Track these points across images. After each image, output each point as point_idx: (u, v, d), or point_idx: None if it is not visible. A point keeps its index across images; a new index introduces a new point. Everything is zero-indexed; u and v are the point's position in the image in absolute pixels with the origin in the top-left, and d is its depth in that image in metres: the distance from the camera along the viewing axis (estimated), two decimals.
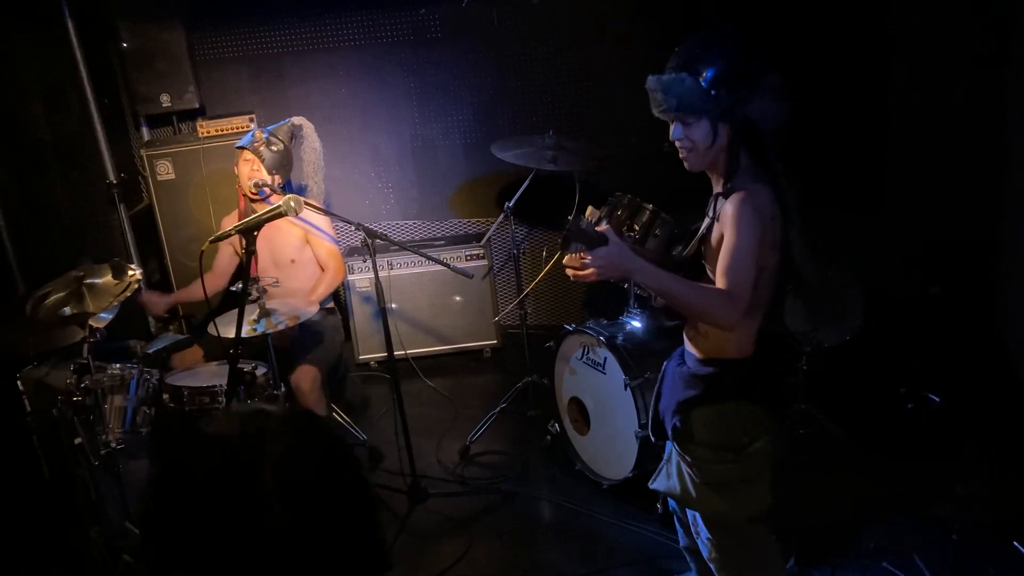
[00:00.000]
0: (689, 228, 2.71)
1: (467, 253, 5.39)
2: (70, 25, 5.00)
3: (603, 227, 2.54)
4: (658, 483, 2.81)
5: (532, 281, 4.67)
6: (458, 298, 5.44)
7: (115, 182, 5.30)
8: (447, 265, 4.15)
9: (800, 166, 5.01)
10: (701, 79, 2.39)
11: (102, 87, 5.24)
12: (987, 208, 4.93)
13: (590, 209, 2.61)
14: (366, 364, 5.52)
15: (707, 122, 2.43)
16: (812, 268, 2.55)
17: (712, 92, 2.39)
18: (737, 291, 2.37)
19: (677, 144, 2.51)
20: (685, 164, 2.55)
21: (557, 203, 5.31)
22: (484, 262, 5.40)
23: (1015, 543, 3.31)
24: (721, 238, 2.45)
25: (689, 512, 2.79)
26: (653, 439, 2.87)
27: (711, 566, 2.82)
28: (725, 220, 2.43)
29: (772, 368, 2.70)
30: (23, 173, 5.28)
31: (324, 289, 4.36)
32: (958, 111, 4.86)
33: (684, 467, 2.65)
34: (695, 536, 2.82)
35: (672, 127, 2.50)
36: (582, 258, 2.50)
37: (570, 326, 4.12)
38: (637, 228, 3.91)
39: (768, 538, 2.75)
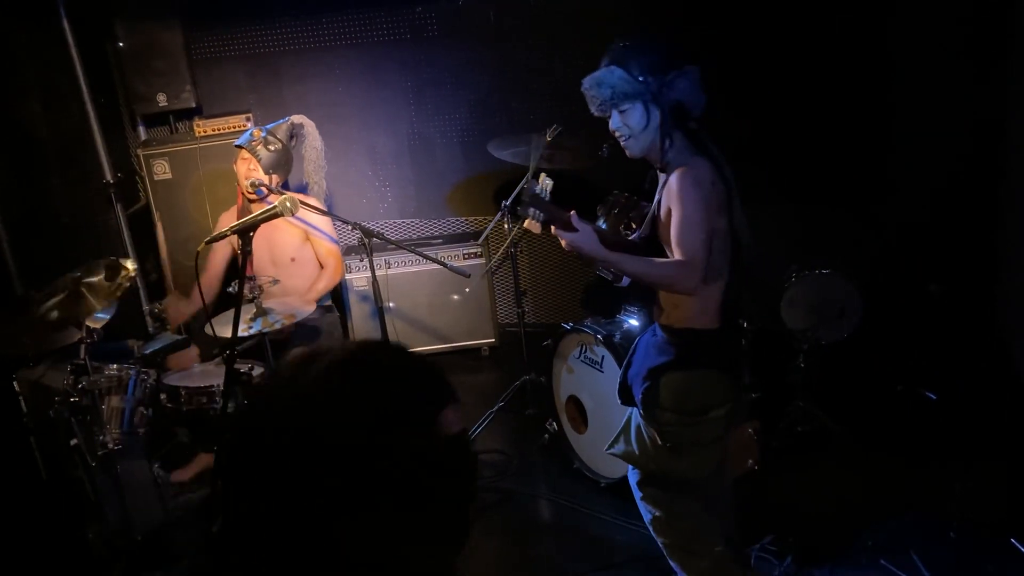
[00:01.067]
0: (642, 212, 2.92)
1: (464, 252, 5.39)
2: (66, 24, 4.99)
3: (573, 215, 2.74)
4: (616, 448, 3.04)
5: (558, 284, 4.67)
6: (456, 297, 5.44)
7: (112, 181, 5.29)
8: (444, 264, 4.15)
9: (801, 163, 5.03)
10: (629, 68, 2.67)
11: (99, 86, 5.23)
12: (987, 205, 4.92)
13: (542, 176, 2.84)
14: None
15: (640, 106, 2.68)
16: (749, 235, 2.77)
17: (640, 78, 2.65)
18: (691, 257, 2.59)
19: (616, 134, 2.75)
20: (627, 152, 2.78)
21: (554, 201, 5.32)
22: (481, 261, 5.39)
23: (1013, 540, 3.31)
24: (669, 213, 2.66)
25: (631, 476, 3.04)
26: (621, 401, 3.04)
27: (650, 529, 3.02)
28: (670, 195, 2.64)
29: (736, 338, 2.98)
30: (20, 172, 5.26)
31: (322, 286, 4.35)
32: (959, 108, 4.85)
33: (645, 430, 2.87)
34: (638, 498, 3.02)
35: (610, 120, 2.75)
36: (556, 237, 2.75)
37: (568, 325, 4.11)
38: (634, 226, 3.93)
39: (697, 498, 2.91)
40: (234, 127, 5.19)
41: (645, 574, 3.54)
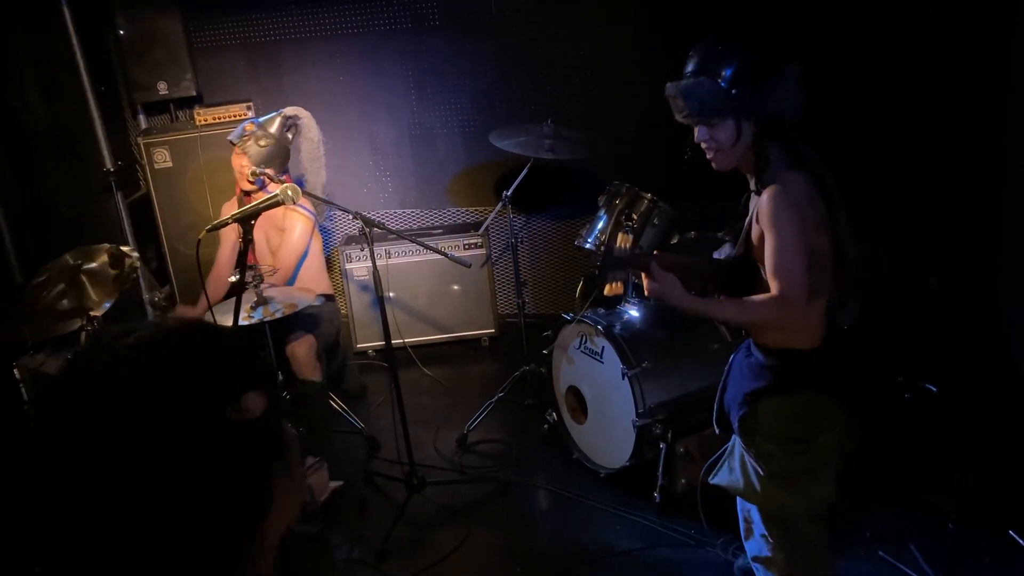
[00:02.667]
0: (734, 228, 2.65)
1: (465, 242, 5.39)
2: (66, 13, 4.98)
3: (653, 266, 2.48)
4: (719, 478, 2.76)
5: (558, 275, 4.65)
6: (456, 287, 5.44)
7: (112, 170, 5.28)
8: (445, 254, 4.14)
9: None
10: (720, 80, 2.37)
11: (99, 75, 5.22)
12: (986, 199, 4.92)
13: (621, 236, 2.53)
14: (364, 352, 5.52)
15: (731, 121, 2.41)
16: (855, 252, 2.52)
17: (733, 91, 2.37)
18: (789, 291, 2.35)
19: (703, 146, 2.49)
20: (713, 165, 2.52)
21: (555, 192, 5.33)
22: (482, 251, 5.39)
23: (1011, 532, 3.32)
24: (761, 236, 2.42)
25: (744, 508, 2.76)
26: (717, 431, 2.80)
27: (756, 566, 2.77)
28: (763, 218, 2.40)
29: (842, 357, 2.68)
30: (20, 161, 5.26)
31: (284, 255, 4.31)
32: (958, 103, 4.85)
33: (748, 460, 2.60)
34: (745, 535, 2.78)
35: (696, 130, 2.47)
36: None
37: (568, 315, 4.12)
38: (635, 217, 3.93)
39: (824, 538, 2.72)
40: (235, 115, 5.18)
41: (644, 565, 3.55)
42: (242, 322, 3.32)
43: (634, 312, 4.02)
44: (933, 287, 4.87)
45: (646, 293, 2.48)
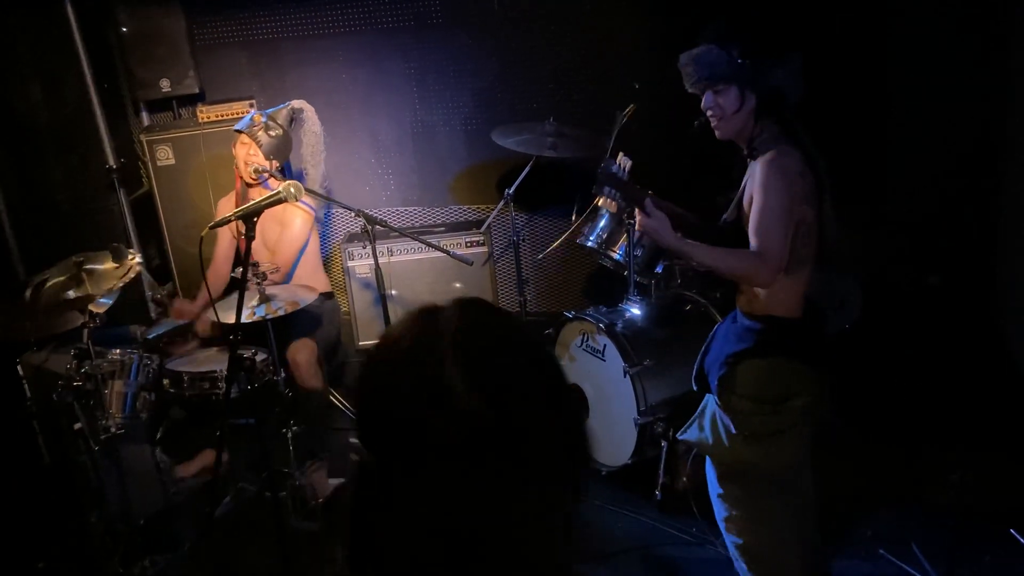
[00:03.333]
0: (728, 197, 2.83)
1: (467, 240, 5.38)
2: (69, 9, 4.98)
3: (647, 200, 2.70)
4: (689, 434, 2.92)
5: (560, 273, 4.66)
6: (458, 285, 5.43)
7: (115, 167, 5.28)
8: (447, 252, 4.15)
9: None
10: (729, 49, 2.60)
11: (101, 72, 5.22)
12: (985, 198, 4.93)
13: (620, 155, 2.73)
14: (366, 350, 5.52)
15: (735, 88, 2.62)
16: (836, 231, 2.73)
17: (739, 60, 2.59)
18: (767, 249, 2.53)
19: (708, 113, 2.69)
20: (716, 132, 2.71)
21: (557, 190, 5.32)
22: (484, 249, 5.39)
23: (1012, 531, 3.33)
24: (751, 199, 2.59)
25: (708, 471, 2.90)
26: (695, 388, 2.94)
27: (721, 527, 2.89)
28: (754, 182, 2.59)
29: (819, 332, 2.83)
30: (22, 158, 5.27)
31: (287, 248, 4.32)
32: (958, 102, 4.85)
33: (720, 417, 2.77)
34: (712, 494, 2.89)
35: (704, 98, 2.68)
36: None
37: (570, 313, 4.12)
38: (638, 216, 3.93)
39: (787, 504, 2.81)
40: (237, 113, 5.18)
41: (644, 563, 3.56)
42: (245, 319, 3.33)
43: (636, 310, 4.02)
44: (933, 285, 4.88)
45: (637, 227, 2.68)
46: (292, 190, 3.17)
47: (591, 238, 4.10)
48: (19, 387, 3.97)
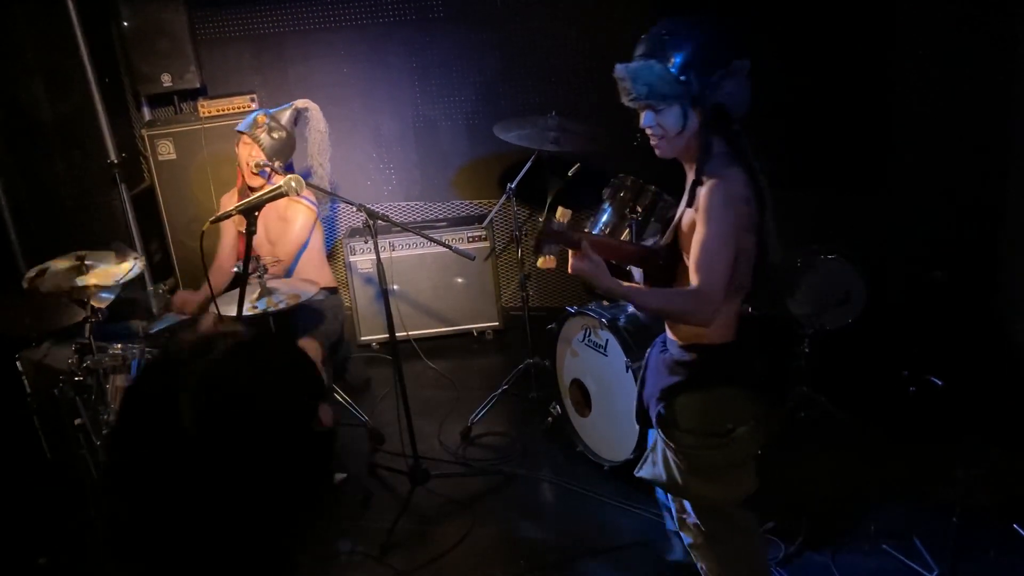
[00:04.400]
0: (666, 217, 2.69)
1: (469, 235, 5.38)
2: (70, 4, 4.97)
3: (584, 245, 2.51)
4: (644, 471, 2.79)
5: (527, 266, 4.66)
6: (460, 280, 5.43)
7: (116, 162, 5.28)
8: (449, 247, 4.13)
9: (804, 148, 5.02)
10: (670, 65, 2.36)
11: (103, 66, 5.22)
12: (991, 192, 4.91)
13: (560, 210, 2.58)
14: (368, 345, 5.52)
15: (678, 107, 2.39)
16: (779, 253, 2.52)
17: (682, 77, 2.35)
18: (709, 288, 2.35)
19: (648, 132, 2.47)
20: (656, 151, 2.51)
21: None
22: (486, 244, 5.38)
23: (1015, 526, 3.32)
24: (693, 224, 2.42)
25: (669, 502, 2.84)
26: (638, 426, 2.85)
27: (693, 553, 2.82)
28: (699, 207, 2.39)
29: (757, 351, 2.66)
30: (24, 153, 5.27)
31: (289, 244, 4.31)
32: (963, 93, 4.83)
33: (669, 454, 2.62)
34: (680, 523, 2.83)
35: (642, 115, 2.46)
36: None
37: (572, 308, 4.11)
38: (640, 210, 3.92)
39: (755, 525, 2.78)
40: (239, 108, 5.18)
41: (647, 557, 3.55)
42: (246, 313, 3.32)
43: None
44: (938, 281, 4.86)
45: (570, 270, 2.51)
46: (293, 184, 3.17)
47: (593, 232, 4.08)
48: (19, 382, 3.96)
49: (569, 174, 4.20)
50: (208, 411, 1.06)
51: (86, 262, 3.70)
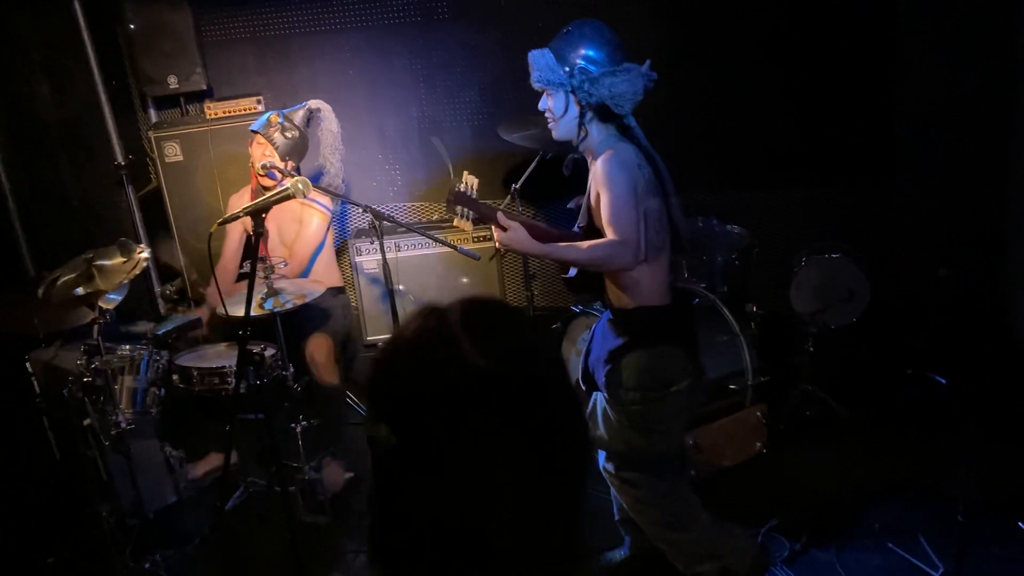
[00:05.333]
0: (579, 201, 2.99)
1: (474, 235, 5.38)
2: (76, 6, 5.00)
3: (499, 215, 2.81)
4: None
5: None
6: (465, 280, 5.44)
7: (123, 164, 5.30)
8: (454, 247, 4.15)
9: (807, 147, 5.02)
10: (560, 58, 2.78)
11: (109, 68, 5.24)
12: (995, 189, 4.92)
13: (465, 174, 2.88)
14: (374, 345, 5.53)
15: (562, 94, 2.78)
16: (682, 219, 2.88)
17: (565, 68, 2.76)
18: (624, 235, 2.65)
19: (544, 113, 2.87)
20: (552, 133, 2.88)
21: (563, 184, 5.32)
22: (491, 244, 5.38)
23: (1020, 523, 3.32)
24: (599, 197, 2.73)
25: (607, 464, 3.07)
26: (584, 388, 3.08)
27: (632, 513, 3.11)
28: (597, 179, 2.74)
29: (689, 315, 3.07)
30: (31, 155, 5.30)
31: (304, 247, 4.34)
32: (967, 91, 4.84)
33: (612, 412, 2.92)
34: (617, 489, 3.11)
35: (541, 98, 2.87)
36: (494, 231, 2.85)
37: (577, 308, 4.13)
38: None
39: (678, 468, 3.08)
40: (245, 109, 5.19)
41: (648, 555, 3.55)
42: (253, 313, 3.34)
43: None
44: (942, 278, 4.87)
45: (495, 244, 2.83)
46: (300, 186, 3.18)
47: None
48: (29, 383, 3.99)
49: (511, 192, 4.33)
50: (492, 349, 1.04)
51: (94, 263, 3.72)
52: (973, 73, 4.79)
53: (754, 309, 4.23)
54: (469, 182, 2.84)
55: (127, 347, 3.72)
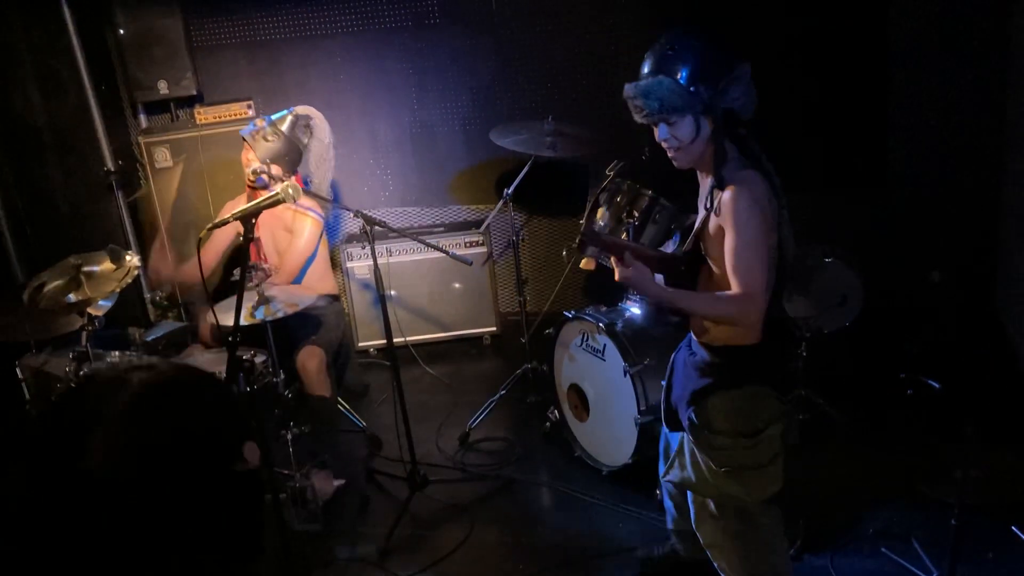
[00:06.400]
0: (684, 223, 2.77)
1: (466, 240, 5.39)
2: (67, 11, 4.98)
3: (627, 254, 2.58)
4: (672, 475, 2.88)
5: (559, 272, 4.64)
6: (457, 285, 5.44)
7: (113, 170, 5.28)
8: (446, 252, 4.14)
9: (800, 151, 5.02)
10: (679, 78, 2.46)
11: (99, 74, 5.22)
12: (988, 193, 4.92)
13: (601, 211, 2.72)
14: (365, 351, 5.52)
15: (690, 118, 2.49)
16: (793, 246, 2.64)
17: (691, 88, 2.46)
18: (752, 290, 2.44)
19: (664, 144, 2.58)
20: (675, 163, 2.62)
21: (556, 189, 5.32)
22: (483, 249, 5.39)
23: (1013, 528, 3.32)
24: (720, 231, 2.49)
25: (691, 502, 2.87)
26: (668, 431, 2.93)
27: (711, 552, 2.87)
28: (724, 214, 2.47)
29: (780, 351, 2.79)
30: (20, 161, 5.27)
31: (296, 256, 4.32)
32: (961, 96, 4.85)
33: (700, 456, 2.70)
34: (698, 522, 2.88)
35: (657, 129, 2.56)
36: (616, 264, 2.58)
37: (570, 313, 4.11)
38: (637, 214, 3.92)
39: (779, 522, 2.82)
40: (235, 115, 5.18)
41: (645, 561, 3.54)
42: (244, 322, 3.32)
43: (635, 309, 4.01)
44: (935, 281, 4.88)
45: (616, 278, 2.57)
46: (291, 191, 3.16)
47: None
48: (19, 389, 3.96)
49: (608, 171, 4.22)
50: (124, 449, 1.00)
51: (83, 269, 3.69)
52: (967, 78, 4.81)
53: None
54: (602, 218, 2.69)
55: (116, 353, 3.69)
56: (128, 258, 3.75)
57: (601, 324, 3.86)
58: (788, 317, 4.28)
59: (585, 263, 2.70)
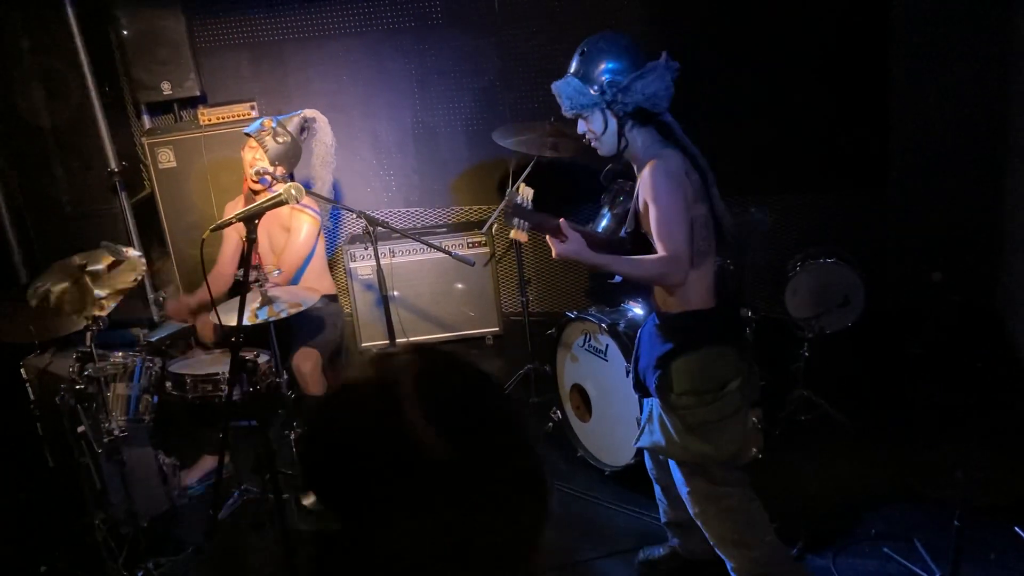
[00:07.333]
0: (626, 209, 3.02)
1: (469, 240, 5.39)
2: (70, 12, 4.99)
3: (562, 223, 2.81)
4: (642, 441, 3.08)
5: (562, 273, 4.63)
6: (460, 285, 5.44)
7: (116, 170, 5.29)
8: (448, 253, 4.14)
9: (804, 153, 5.03)
10: (586, 80, 2.83)
11: (102, 75, 5.23)
12: (990, 194, 4.92)
13: (522, 186, 2.91)
14: (368, 352, 5.52)
15: (598, 112, 2.83)
16: (730, 219, 2.88)
17: (594, 87, 2.81)
18: (675, 251, 2.67)
19: (584, 137, 2.91)
20: (599, 152, 2.91)
21: (559, 190, 5.32)
22: (486, 249, 5.39)
23: (1016, 528, 3.32)
24: (647, 206, 2.75)
25: (673, 471, 3.02)
26: (637, 396, 3.15)
27: (698, 522, 3.03)
28: (645, 188, 2.74)
29: (736, 313, 3.11)
30: (24, 161, 5.28)
31: (294, 255, 4.32)
32: (961, 96, 4.85)
33: (667, 418, 2.91)
34: (681, 497, 3.04)
35: (578, 124, 2.90)
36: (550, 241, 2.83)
37: (572, 313, 4.12)
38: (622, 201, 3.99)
39: (744, 479, 3.00)
40: (239, 115, 5.19)
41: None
42: (247, 322, 3.33)
43: (638, 310, 4.02)
44: (937, 282, 4.88)
45: (553, 255, 2.81)
46: (293, 192, 3.17)
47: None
48: (22, 390, 3.97)
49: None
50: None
51: (87, 270, 3.70)
52: (967, 78, 4.81)
53: (749, 314, 4.23)
54: (525, 194, 2.88)
55: (120, 354, 3.70)
56: (127, 253, 3.76)
57: (603, 324, 3.87)
58: (790, 316, 4.29)
59: (515, 233, 2.87)
